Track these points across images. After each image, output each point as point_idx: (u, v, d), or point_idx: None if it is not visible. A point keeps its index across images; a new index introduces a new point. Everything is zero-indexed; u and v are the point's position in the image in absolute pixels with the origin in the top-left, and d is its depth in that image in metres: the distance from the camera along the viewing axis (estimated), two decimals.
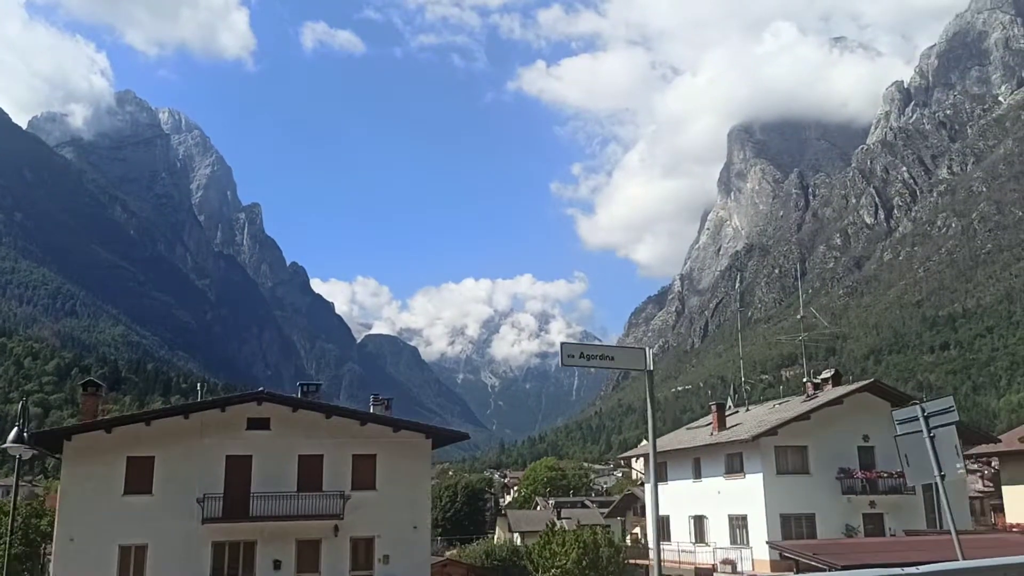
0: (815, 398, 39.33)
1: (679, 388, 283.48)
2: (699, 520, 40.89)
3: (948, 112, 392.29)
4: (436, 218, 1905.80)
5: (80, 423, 30.32)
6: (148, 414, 31.88)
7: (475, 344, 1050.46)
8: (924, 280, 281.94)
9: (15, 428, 20.00)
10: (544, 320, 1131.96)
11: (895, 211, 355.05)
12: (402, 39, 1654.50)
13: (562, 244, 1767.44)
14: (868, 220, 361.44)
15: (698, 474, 41.23)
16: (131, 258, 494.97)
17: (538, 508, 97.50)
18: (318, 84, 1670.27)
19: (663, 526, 44.56)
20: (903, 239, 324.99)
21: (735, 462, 38.44)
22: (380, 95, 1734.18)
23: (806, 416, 36.80)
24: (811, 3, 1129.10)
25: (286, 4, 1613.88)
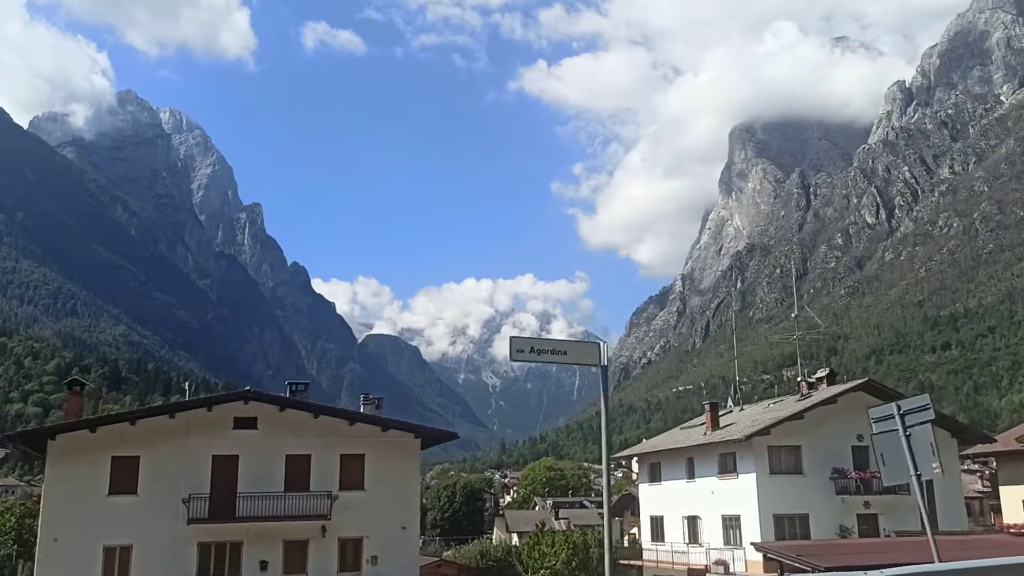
0: (809, 397, 39.01)
1: (680, 388, 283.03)
2: (693, 520, 40.58)
3: (950, 112, 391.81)
4: (437, 218, 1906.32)
5: (64, 422, 30.04)
6: (133, 413, 31.62)
7: (476, 344, 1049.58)
8: (926, 280, 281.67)
9: None
10: (545, 320, 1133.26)
11: (896, 211, 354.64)
12: (403, 39, 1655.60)
13: (563, 244, 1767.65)
14: (869, 220, 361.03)
15: (692, 474, 40.93)
16: (132, 258, 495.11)
17: (536, 508, 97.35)
18: (319, 84, 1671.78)
19: (657, 526, 44.31)
20: (904, 239, 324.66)
21: (728, 462, 38.12)
22: (381, 95, 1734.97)
23: (799, 416, 36.47)
24: (812, 3, 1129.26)
25: (287, 4, 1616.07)
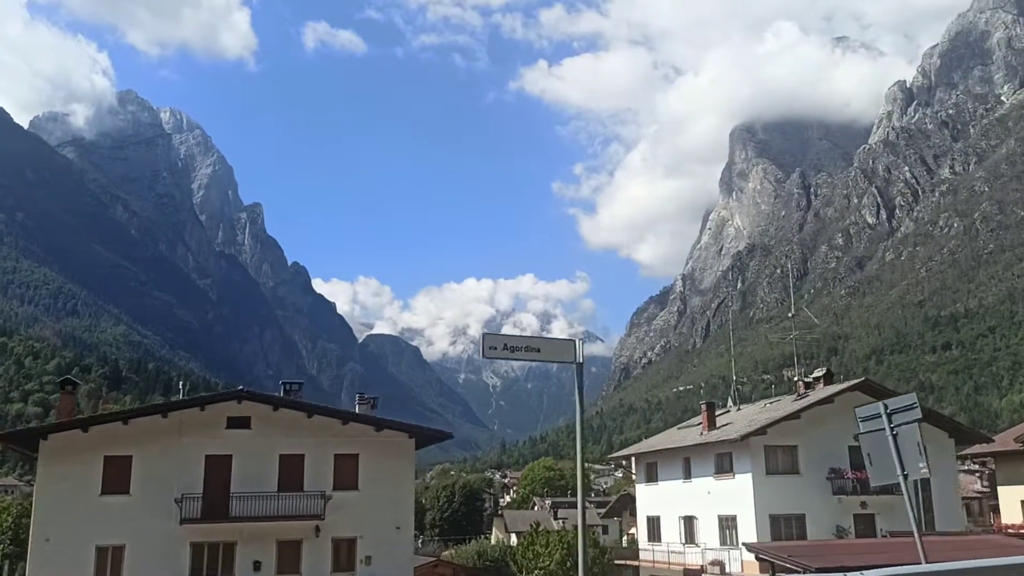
0: (806, 397, 38.85)
1: (681, 388, 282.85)
2: (689, 520, 40.44)
3: (950, 112, 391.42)
4: (438, 218, 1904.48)
5: (56, 422, 29.92)
6: (125, 413, 31.52)
7: (477, 344, 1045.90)
8: (926, 280, 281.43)
9: None
10: (546, 320, 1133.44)
11: (897, 211, 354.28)
12: (403, 39, 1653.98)
13: (564, 244, 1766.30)
14: (870, 220, 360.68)
15: (688, 474, 40.79)
16: (132, 258, 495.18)
17: (535, 508, 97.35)
18: (320, 84, 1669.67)
19: (654, 527, 44.17)
20: (905, 239, 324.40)
21: (725, 462, 37.98)
22: (382, 95, 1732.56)
23: (796, 415, 36.31)
24: (813, 3, 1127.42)
25: (287, 4, 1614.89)
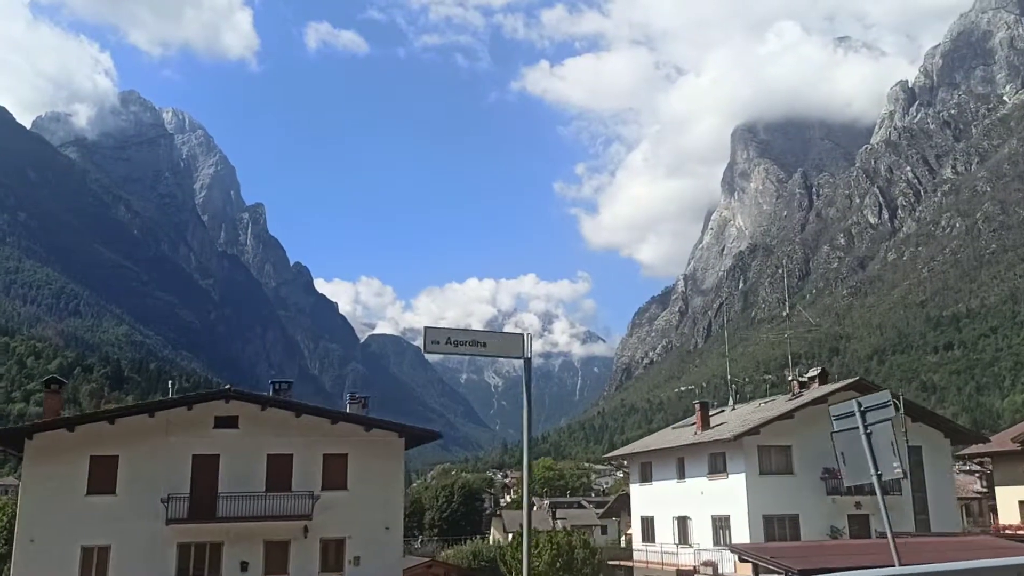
0: (800, 397, 38.58)
1: (682, 388, 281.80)
2: (683, 521, 40.19)
3: (952, 112, 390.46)
4: (440, 218, 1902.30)
5: (41, 421, 29.72)
6: (112, 412, 31.29)
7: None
8: (928, 280, 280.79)
9: None
10: (548, 320, 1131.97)
11: (899, 211, 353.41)
12: (405, 39, 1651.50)
13: (565, 244, 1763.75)
14: (872, 220, 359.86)
15: (682, 474, 40.55)
16: (135, 258, 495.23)
17: (535, 508, 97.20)
18: (322, 84, 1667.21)
19: (648, 527, 43.91)
20: (907, 239, 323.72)
21: (718, 462, 37.73)
22: (383, 95, 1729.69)
23: (790, 415, 36.06)
24: (815, 3, 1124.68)
25: (290, 4, 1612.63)
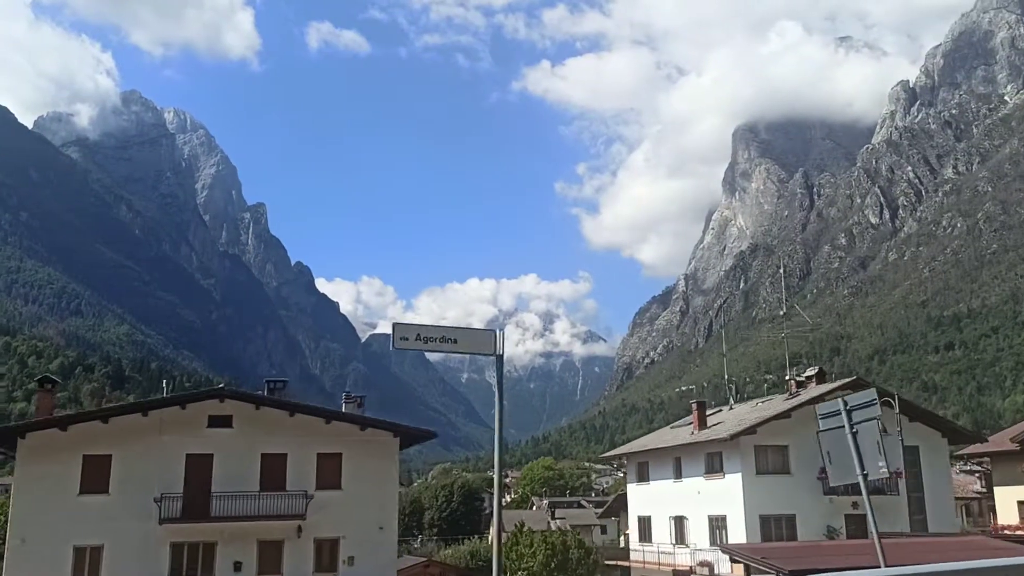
0: (797, 396, 38.45)
1: (683, 388, 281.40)
2: (679, 521, 40.05)
3: (954, 112, 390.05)
4: (441, 218, 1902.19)
5: (34, 420, 29.61)
6: (105, 411, 31.18)
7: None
8: (929, 280, 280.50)
9: None
10: (549, 320, 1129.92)
11: (900, 211, 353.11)
12: (407, 39, 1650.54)
13: (567, 244, 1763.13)
14: (873, 220, 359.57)
15: (679, 474, 40.41)
16: (136, 257, 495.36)
17: (533, 508, 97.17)
18: (323, 84, 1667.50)
19: (645, 527, 43.78)
20: (908, 239, 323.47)
21: (715, 462, 37.59)
22: (385, 95, 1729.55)
23: (786, 415, 35.91)
24: (816, 3, 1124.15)
25: (291, 4, 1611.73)
